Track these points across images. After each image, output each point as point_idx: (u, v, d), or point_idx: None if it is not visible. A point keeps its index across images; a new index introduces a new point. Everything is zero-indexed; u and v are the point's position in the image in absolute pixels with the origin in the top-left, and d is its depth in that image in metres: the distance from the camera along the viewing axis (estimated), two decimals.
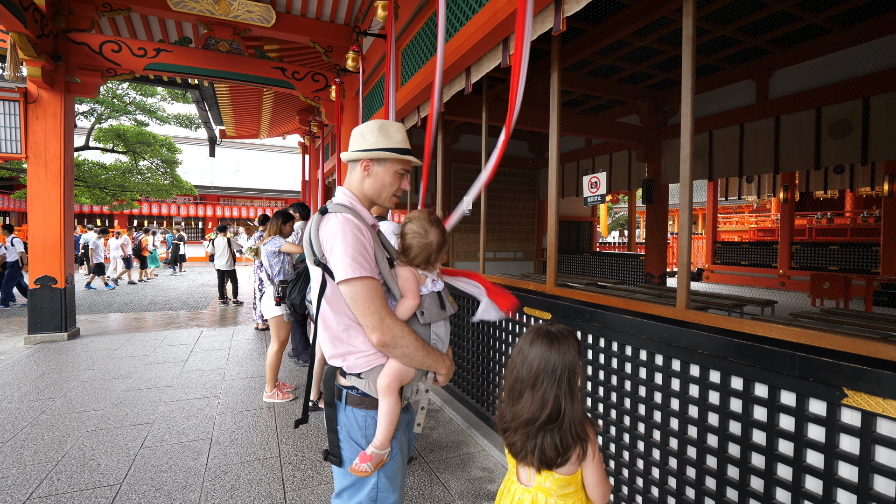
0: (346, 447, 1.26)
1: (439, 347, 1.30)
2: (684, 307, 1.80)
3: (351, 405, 1.26)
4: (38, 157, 5.29)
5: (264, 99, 8.54)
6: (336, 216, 1.21)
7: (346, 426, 1.26)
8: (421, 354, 1.21)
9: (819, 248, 8.42)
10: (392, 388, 1.21)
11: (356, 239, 1.18)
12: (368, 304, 1.15)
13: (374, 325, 1.16)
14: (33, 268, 5.33)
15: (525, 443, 1.11)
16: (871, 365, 1.22)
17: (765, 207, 15.89)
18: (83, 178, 12.57)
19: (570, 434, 1.09)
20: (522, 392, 1.13)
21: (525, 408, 1.11)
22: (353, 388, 1.26)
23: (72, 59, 5.41)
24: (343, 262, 1.15)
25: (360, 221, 1.23)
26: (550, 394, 1.09)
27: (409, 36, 3.74)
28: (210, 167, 21.41)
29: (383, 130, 1.32)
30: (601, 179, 2.35)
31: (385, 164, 1.32)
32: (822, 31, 4.38)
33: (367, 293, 1.16)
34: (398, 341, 1.17)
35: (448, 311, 1.32)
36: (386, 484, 1.26)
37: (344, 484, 1.27)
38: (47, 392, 3.66)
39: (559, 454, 1.09)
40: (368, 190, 1.33)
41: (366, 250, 1.19)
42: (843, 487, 1.29)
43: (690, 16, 1.81)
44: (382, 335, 1.16)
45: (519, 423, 1.12)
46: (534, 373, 1.11)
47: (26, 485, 2.33)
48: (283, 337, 3.61)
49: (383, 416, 1.22)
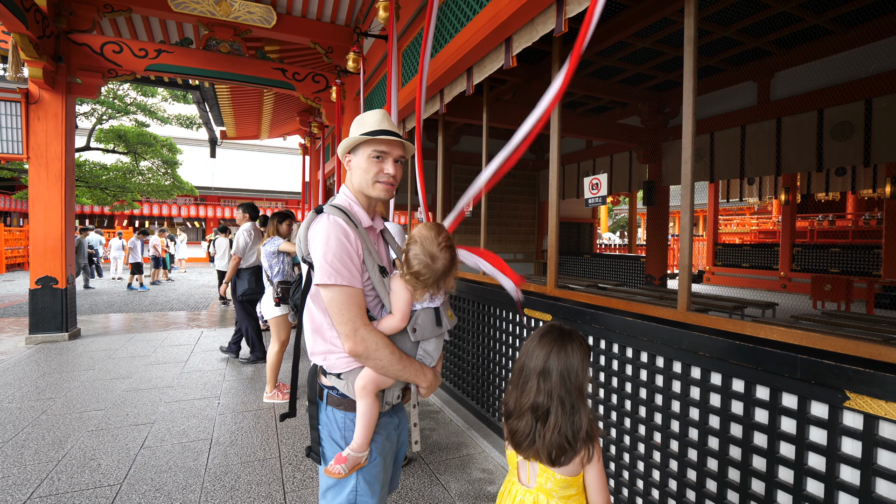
0: (327, 446, 1.25)
1: (426, 362, 1.25)
2: (685, 309, 1.79)
3: (331, 405, 1.24)
4: (40, 158, 5.30)
5: (265, 100, 8.56)
6: (327, 218, 1.18)
7: (327, 426, 1.25)
8: (397, 368, 1.17)
9: (820, 251, 8.41)
10: (368, 391, 1.18)
11: (339, 244, 1.14)
12: (343, 312, 1.13)
13: (346, 334, 1.13)
14: (34, 268, 5.34)
15: (531, 429, 1.10)
16: (873, 368, 1.22)
17: (766, 209, 15.88)
18: (84, 178, 12.60)
19: (581, 430, 1.09)
20: (530, 378, 1.13)
21: (532, 393, 1.11)
22: (333, 388, 1.24)
23: (73, 60, 5.42)
24: (322, 266, 1.13)
25: (350, 225, 1.18)
26: (560, 387, 1.09)
27: (410, 36, 3.75)
28: (211, 168, 21.45)
29: (358, 123, 1.30)
30: (602, 181, 2.35)
31: (357, 151, 1.28)
32: (825, 32, 4.38)
33: (342, 301, 1.13)
34: (371, 353, 1.14)
35: (444, 328, 1.25)
36: (364, 488, 1.23)
37: (327, 483, 1.26)
38: (48, 392, 3.66)
39: (570, 445, 1.08)
40: (355, 184, 1.29)
41: (349, 257, 1.15)
42: (845, 490, 1.28)
43: (692, 16, 1.81)
44: (354, 345, 1.13)
45: (525, 408, 1.11)
46: (543, 362, 1.11)
47: (27, 484, 2.33)
48: (284, 337, 3.61)
49: (360, 418, 1.19)
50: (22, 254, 15.10)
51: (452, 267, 1.24)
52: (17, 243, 15.04)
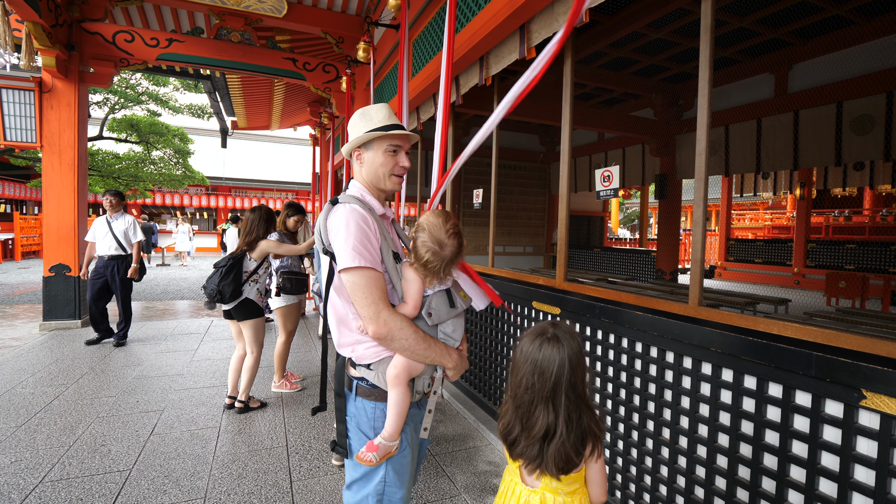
0: (355, 438, 1.26)
1: (450, 344, 1.26)
2: (697, 304, 1.76)
3: (361, 396, 1.25)
4: (53, 147, 5.36)
5: (275, 90, 8.55)
6: (344, 206, 1.22)
7: (356, 417, 1.26)
8: (422, 348, 1.18)
9: (836, 247, 8.24)
10: (401, 379, 1.19)
11: (359, 229, 1.17)
12: (366, 295, 1.14)
13: (370, 317, 1.14)
14: (48, 256, 5.43)
15: (543, 454, 1.06)
16: (891, 366, 1.18)
17: (780, 204, 15.59)
18: (97, 167, 12.74)
19: (587, 435, 1.07)
20: (534, 404, 1.07)
21: (541, 422, 1.05)
22: (363, 378, 1.24)
23: (85, 49, 5.45)
24: (344, 251, 1.14)
25: (368, 212, 1.21)
26: (566, 400, 1.05)
27: (422, 25, 3.70)
28: (222, 158, 21.58)
29: (364, 116, 1.31)
30: (614, 173, 2.30)
31: (371, 146, 1.30)
32: (846, 22, 4.24)
33: (365, 283, 1.14)
34: (395, 334, 1.14)
35: (459, 308, 1.27)
36: (393, 478, 1.24)
37: (354, 476, 1.27)
38: (60, 378, 3.73)
39: (579, 455, 1.06)
40: (367, 177, 1.32)
41: (369, 241, 1.17)
42: (859, 491, 1.25)
43: (710, 4, 1.75)
44: (378, 328, 1.14)
45: (535, 438, 1.06)
46: (549, 382, 1.05)
47: (39, 468, 2.38)
48: (290, 328, 3.63)
49: (392, 407, 1.20)
50: (37, 241, 15.38)
51: (460, 253, 1.26)
52: (33, 231, 15.32)
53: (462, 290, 1.34)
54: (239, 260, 3.04)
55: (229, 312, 3.11)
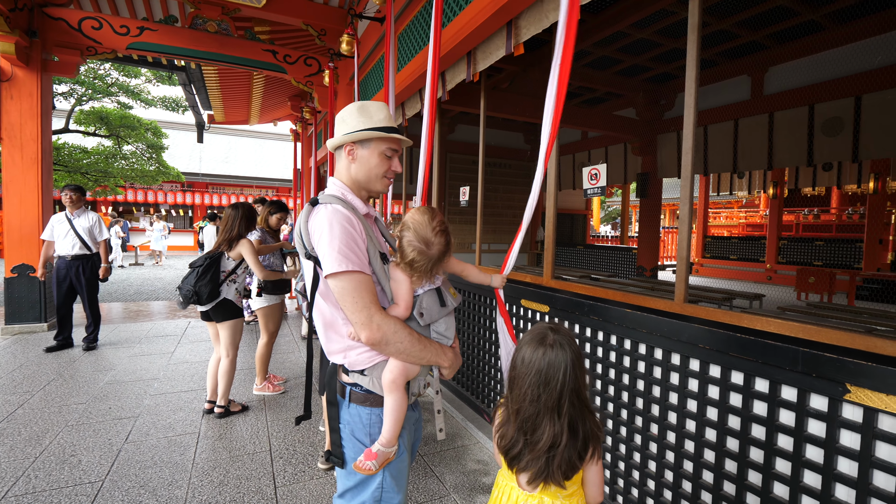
0: (349, 446, 1.21)
1: (443, 343, 1.24)
2: (682, 301, 1.78)
3: (355, 402, 1.20)
4: (14, 139, 5.07)
5: (255, 83, 8.31)
6: (325, 207, 1.14)
7: (350, 424, 1.21)
8: (418, 349, 1.14)
9: (805, 244, 8.56)
10: (398, 384, 1.15)
11: (344, 230, 1.11)
12: (356, 300, 1.09)
13: (362, 322, 1.09)
14: (9, 256, 5.15)
15: (550, 466, 1.04)
16: (873, 361, 1.21)
17: (754, 203, 16.12)
18: (63, 162, 12.14)
19: (589, 440, 1.05)
20: (540, 416, 1.04)
21: (547, 434, 1.03)
22: (357, 384, 1.20)
23: (48, 36, 5.17)
24: (330, 255, 1.08)
25: (351, 212, 1.15)
26: (571, 406, 1.04)
27: (407, 19, 3.64)
28: (198, 153, 20.94)
29: (363, 111, 1.24)
30: (601, 171, 2.31)
31: (369, 145, 1.24)
32: (819, 27, 4.38)
33: (354, 288, 1.09)
34: (389, 338, 1.10)
35: (450, 306, 1.24)
36: (391, 483, 1.21)
37: (347, 484, 1.22)
38: (25, 385, 3.54)
39: (581, 459, 1.05)
40: (357, 176, 1.25)
41: (355, 243, 1.11)
42: (843, 482, 1.29)
43: (696, 2, 1.77)
44: (371, 333, 1.09)
45: (541, 451, 1.03)
46: (555, 391, 1.02)
47: (1, 482, 2.24)
48: (273, 328, 3.53)
49: (389, 412, 1.16)
50: None
51: (448, 251, 1.22)
52: None
53: (451, 287, 1.31)
54: (216, 259, 2.93)
55: (207, 314, 2.99)
